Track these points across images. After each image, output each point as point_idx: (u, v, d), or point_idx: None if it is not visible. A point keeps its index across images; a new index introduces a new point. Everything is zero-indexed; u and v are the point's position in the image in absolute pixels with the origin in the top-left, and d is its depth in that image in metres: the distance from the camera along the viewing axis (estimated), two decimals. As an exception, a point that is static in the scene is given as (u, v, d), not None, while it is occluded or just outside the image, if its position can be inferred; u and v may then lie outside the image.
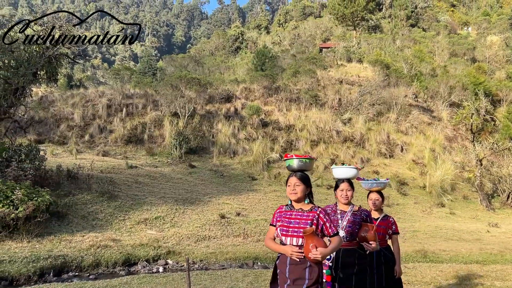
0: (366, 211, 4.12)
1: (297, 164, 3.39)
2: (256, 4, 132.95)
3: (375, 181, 4.73)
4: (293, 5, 69.07)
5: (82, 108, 20.29)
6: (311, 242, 3.06)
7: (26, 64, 9.52)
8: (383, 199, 4.80)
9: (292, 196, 3.31)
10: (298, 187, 3.28)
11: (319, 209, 3.26)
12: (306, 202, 3.29)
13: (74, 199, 10.30)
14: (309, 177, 3.37)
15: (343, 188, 4.07)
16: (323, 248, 3.07)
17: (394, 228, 4.70)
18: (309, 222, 3.19)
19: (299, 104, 23.29)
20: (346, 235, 3.94)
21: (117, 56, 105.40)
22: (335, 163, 17.24)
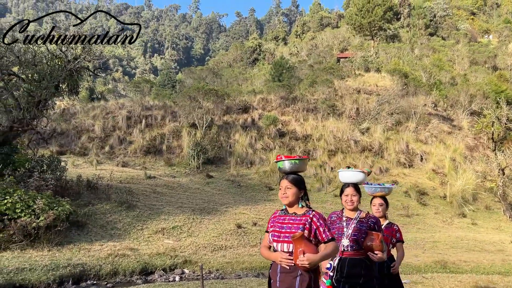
0: (375, 218, 3.85)
1: (288, 166, 3.19)
2: (274, 16, 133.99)
3: (379, 186, 4.50)
4: (310, 16, 69.34)
5: (103, 120, 20.73)
6: (300, 248, 2.86)
7: (48, 77, 9.83)
8: (387, 205, 4.57)
9: (284, 200, 3.13)
10: (289, 190, 3.10)
11: (312, 213, 3.04)
12: (300, 205, 3.10)
13: (93, 208, 10.49)
14: (302, 179, 3.18)
15: (348, 193, 3.82)
16: (312, 254, 2.85)
17: (398, 236, 4.47)
18: (301, 226, 2.99)
19: (316, 114, 23.25)
20: (351, 244, 3.68)
21: (138, 69, 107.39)
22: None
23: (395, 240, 4.48)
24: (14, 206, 7.96)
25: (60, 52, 10.59)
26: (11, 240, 7.85)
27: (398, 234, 4.48)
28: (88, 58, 10.79)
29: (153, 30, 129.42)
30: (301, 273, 2.90)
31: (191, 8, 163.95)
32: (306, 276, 2.89)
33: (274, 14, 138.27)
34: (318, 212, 3.07)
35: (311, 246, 2.91)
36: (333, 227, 3.76)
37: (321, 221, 3.00)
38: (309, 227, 2.99)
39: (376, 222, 3.81)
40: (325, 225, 3.01)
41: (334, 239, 3.03)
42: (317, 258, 2.86)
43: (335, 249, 3.00)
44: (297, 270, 2.89)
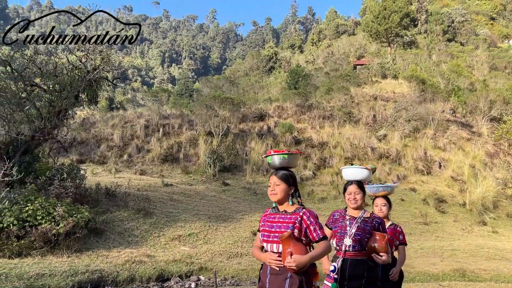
0: (380, 219, 3.68)
1: (278, 161, 3.04)
2: (290, 24, 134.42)
3: (381, 185, 4.37)
4: (326, 23, 69.37)
5: (121, 129, 21.11)
6: (288, 249, 2.73)
7: (68, 87, 10.11)
8: (390, 205, 4.39)
9: (272, 197, 2.99)
10: (278, 187, 2.95)
11: (303, 210, 2.90)
12: (290, 203, 2.96)
13: (111, 216, 10.68)
14: (293, 175, 3.03)
15: (351, 190, 3.68)
16: (299, 255, 2.70)
17: (401, 238, 4.32)
18: (291, 225, 2.85)
19: (333, 121, 23.19)
20: (354, 244, 3.53)
21: (156, 79, 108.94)
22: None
23: (398, 243, 4.31)
24: (35, 213, 8.18)
25: (79, 63, 10.90)
26: (32, 246, 8.05)
27: (402, 236, 4.33)
28: (106, 69, 11.07)
29: (171, 40, 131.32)
30: (291, 275, 2.76)
31: (208, 18, 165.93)
32: (296, 278, 2.75)
33: (290, 22, 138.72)
34: (309, 210, 2.94)
35: (300, 246, 2.76)
36: (336, 226, 3.69)
37: (312, 219, 2.86)
38: (299, 225, 2.86)
39: (381, 222, 3.66)
40: (315, 223, 2.86)
41: (326, 238, 2.88)
42: (305, 259, 2.70)
43: (326, 249, 2.85)
44: (287, 272, 2.76)
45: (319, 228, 2.86)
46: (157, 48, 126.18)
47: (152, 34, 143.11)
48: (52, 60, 10.26)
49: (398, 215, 14.41)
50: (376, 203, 4.37)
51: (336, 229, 3.67)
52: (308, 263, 2.75)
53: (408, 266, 8.83)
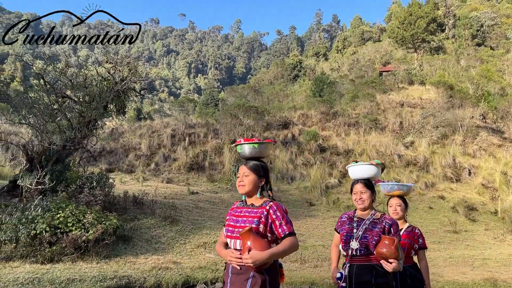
0: (391, 220, 3.29)
1: (248, 150, 2.83)
2: (314, 32, 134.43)
3: (396, 184, 4.03)
4: (351, 31, 69.07)
5: (149, 138, 21.57)
6: (247, 244, 2.50)
7: (97, 98, 10.46)
8: (406, 206, 4.05)
9: (240, 189, 2.77)
10: (246, 178, 2.74)
11: (270, 204, 2.66)
12: (258, 196, 2.73)
13: (139, 223, 10.91)
14: (264, 165, 2.84)
15: (357, 190, 3.38)
16: (257, 251, 2.45)
17: (421, 242, 3.98)
18: (256, 220, 2.61)
19: (358, 128, 23.00)
20: (360, 247, 3.20)
21: (182, 89, 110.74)
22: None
23: (417, 246, 3.96)
24: (66, 220, 8.45)
25: (108, 74, 11.27)
26: (63, 252, 8.31)
27: (421, 240, 3.98)
28: (134, 80, 11.39)
29: (197, 51, 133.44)
30: (254, 275, 2.51)
31: (233, 29, 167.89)
32: (258, 278, 2.50)
33: (315, 30, 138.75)
34: (277, 203, 2.70)
35: (261, 242, 2.50)
36: (342, 229, 3.40)
37: (279, 213, 2.61)
38: (264, 220, 2.61)
39: (393, 224, 3.26)
40: (282, 218, 2.61)
41: (293, 234, 2.61)
42: (264, 256, 2.43)
43: (290, 246, 2.56)
44: (249, 271, 2.52)
45: (285, 223, 2.60)
46: (183, 59, 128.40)
47: (178, 46, 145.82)
48: (82, 72, 10.65)
49: (427, 223, 14.11)
50: (391, 203, 4.06)
51: (343, 232, 3.39)
52: (268, 261, 2.47)
53: (436, 275, 8.65)
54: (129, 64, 11.43)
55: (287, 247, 2.55)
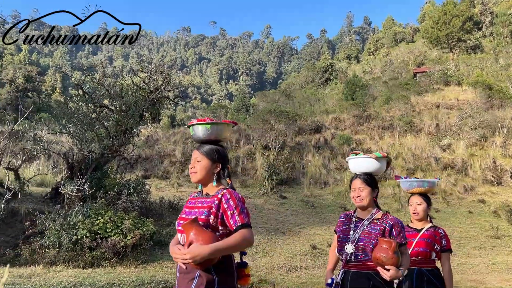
0: (393, 220, 2.85)
1: (201, 132, 2.50)
2: (345, 35, 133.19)
3: (416, 180, 3.66)
4: (383, 32, 67.95)
5: (183, 145, 21.96)
6: (189, 237, 2.16)
7: (133, 107, 10.77)
8: (429, 205, 3.63)
9: (192, 177, 2.48)
10: (198, 164, 2.43)
11: (222, 192, 2.35)
12: (214, 184, 2.43)
13: (174, 229, 11.08)
14: (219, 149, 2.50)
15: (355, 186, 2.99)
16: (197, 245, 2.09)
17: (444, 243, 3.50)
18: (205, 210, 2.28)
19: (393, 131, 22.56)
20: (356, 252, 2.80)
21: (214, 96, 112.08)
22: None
23: (439, 248, 3.50)
24: (105, 226, 8.72)
25: (143, 83, 11.60)
26: (103, 257, 8.57)
27: (444, 241, 3.52)
28: (168, 88, 11.66)
29: (228, 57, 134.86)
30: (200, 274, 2.19)
31: (263, 34, 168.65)
32: (204, 278, 2.17)
33: (346, 33, 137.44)
34: (232, 191, 2.37)
35: (206, 235, 2.15)
36: (339, 230, 3.05)
37: (232, 202, 2.28)
38: (215, 211, 2.28)
39: (395, 225, 2.82)
40: (235, 207, 2.27)
41: (247, 227, 2.25)
42: (205, 251, 2.06)
43: (240, 241, 2.19)
44: (196, 270, 2.18)
45: (238, 214, 2.26)
46: (214, 66, 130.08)
47: (210, 53, 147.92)
48: (119, 82, 11.01)
49: (467, 228, 13.64)
50: (411, 201, 3.66)
51: (339, 233, 3.04)
52: (211, 256, 2.10)
53: (478, 282, 8.35)
54: (163, 73, 11.72)
55: (236, 241, 2.16)
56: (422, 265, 3.44)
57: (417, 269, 3.44)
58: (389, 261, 2.61)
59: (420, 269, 3.43)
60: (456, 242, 11.76)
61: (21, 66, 44.49)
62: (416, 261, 3.44)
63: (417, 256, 3.46)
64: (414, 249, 3.47)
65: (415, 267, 3.43)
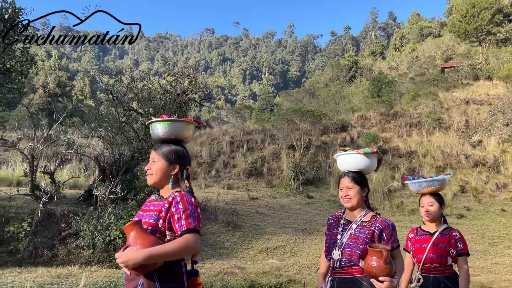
0: (384, 223, 2.63)
1: (160, 130, 2.35)
2: (370, 31, 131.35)
3: (425, 180, 3.38)
4: (409, 27, 66.64)
5: (209, 146, 22.22)
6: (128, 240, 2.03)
7: (161, 110, 10.99)
8: (441, 205, 3.39)
9: (148, 179, 2.33)
10: (154, 165, 2.29)
11: (174, 194, 2.19)
12: (170, 186, 2.27)
13: (203, 229, 11.28)
14: (178, 150, 2.33)
15: (342, 185, 2.78)
16: (132, 250, 1.94)
17: (460, 247, 3.24)
18: (154, 214, 2.17)
19: (421, 128, 22.16)
20: (342, 258, 2.62)
21: (238, 96, 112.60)
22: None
23: (454, 253, 3.24)
24: (137, 227, 8.95)
25: (170, 87, 11.81)
26: (135, 257, 8.81)
27: (460, 244, 3.25)
28: (194, 91, 11.84)
29: (251, 57, 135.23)
30: (143, 282, 2.05)
31: (286, 33, 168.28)
32: (145, 286, 2.04)
33: (370, 29, 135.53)
34: (184, 194, 2.19)
35: (146, 238, 2.00)
36: (327, 233, 2.86)
37: (180, 206, 2.12)
38: (164, 214, 2.15)
39: (385, 228, 2.61)
40: (184, 211, 2.10)
41: (193, 231, 2.07)
42: (139, 256, 1.90)
43: (185, 246, 2.01)
44: (139, 277, 2.05)
45: (185, 218, 2.08)
46: (238, 66, 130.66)
47: (233, 53, 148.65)
48: (147, 86, 11.26)
49: (500, 227, 13.29)
50: (422, 202, 3.43)
51: (327, 237, 2.84)
52: (144, 262, 1.92)
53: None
54: (189, 76, 11.91)
55: (176, 246, 1.98)
56: (437, 272, 3.22)
57: (433, 276, 3.22)
58: (382, 272, 2.41)
59: (436, 277, 3.21)
60: (489, 242, 11.49)
61: (51, 71, 45.96)
62: (431, 268, 3.25)
63: (432, 263, 3.24)
64: (428, 256, 3.25)
65: (431, 275, 3.23)
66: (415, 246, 3.40)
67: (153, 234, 2.09)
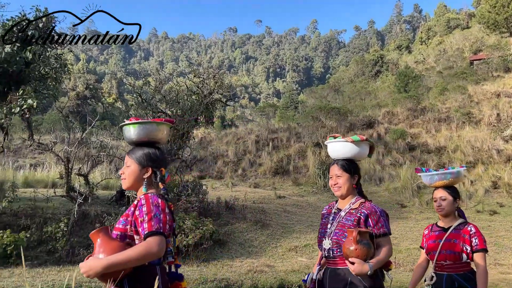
0: (371, 209, 2.59)
1: (130, 133, 2.29)
2: (395, 25, 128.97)
3: (437, 172, 3.22)
4: (435, 20, 65.08)
5: (235, 145, 22.42)
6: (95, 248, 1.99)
7: (189, 112, 11.21)
8: (455, 199, 3.21)
9: (122, 183, 2.32)
10: (127, 170, 2.26)
11: (140, 197, 2.14)
12: (144, 190, 2.21)
13: (232, 228, 11.43)
14: (150, 153, 2.28)
15: (332, 173, 2.75)
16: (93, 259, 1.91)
17: (476, 243, 3.02)
18: (123, 219, 2.14)
19: (450, 123, 21.70)
20: (332, 247, 2.58)
21: (262, 94, 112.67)
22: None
23: (469, 249, 3.03)
24: (168, 226, 9.17)
25: (197, 88, 12.02)
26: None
27: (476, 240, 3.03)
28: (220, 91, 12.01)
29: (274, 55, 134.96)
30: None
31: (309, 29, 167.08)
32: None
33: (395, 23, 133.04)
34: (150, 196, 2.12)
35: (110, 245, 1.95)
36: (321, 223, 2.84)
37: (144, 209, 2.04)
38: (131, 219, 2.11)
39: (370, 214, 2.57)
40: (147, 213, 2.02)
41: (155, 234, 1.98)
42: (97, 265, 1.87)
43: (144, 251, 1.93)
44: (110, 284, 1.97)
45: (148, 220, 2.00)
46: (261, 64, 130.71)
47: (256, 52, 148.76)
48: (174, 88, 11.50)
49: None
50: (434, 196, 3.26)
51: (320, 228, 2.83)
52: (104, 271, 1.88)
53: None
54: (215, 77, 12.08)
55: (138, 251, 1.91)
56: (451, 270, 3.06)
57: (447, 274, 3.08)
58: (352, 253, 2.35)
59: (449, 275, 3.05)
60: (524, 239, 11.20)
61: (80, 75, 47.23)
62: (444, 266, 3.11)
63: (445, 260, 3.10)
64: (441, 253, 3.11)
65: (444, 273, 3.09)
66: (428, 242, 3.28)
67: (122, 239, 2.06)
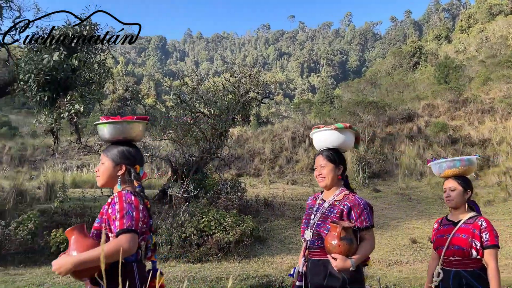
0: (354, 201, 2.58)
1: (104, 132, 2.31)
2: (433, 14, 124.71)
3: (445, 160, 3.06)
4: (476, 6, 62.46)
5: (271, 142, 22.51)
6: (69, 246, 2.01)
7: (226, 111, 11.39)
8: (466, 190, 3.02)
9: (97, 181, 2.34)
10: (102, 167, 2.29)
11: (113, 195, 2.17)
12: (119, 187, 2.23)
13: (271, 224, 11.55)
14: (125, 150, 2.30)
15: (317, 164, 2.72)
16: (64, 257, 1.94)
17: (486, 238, 2.82)
18: (99, 217, 2.19)
19: (494, 114, 20.85)
20: (313, 238, 2.58)
21: (297, 90, 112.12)
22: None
23: (478, 245, 2.84)
24: (209, 224, 9.38)
25: (233, 88, 12.18)
26: (209, 253, 9.25)
27: (486, 235, 2.83)
28: (256, 90, 12.12)
29: (308, 50, 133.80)
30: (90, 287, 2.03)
31: (344, 22, 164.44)
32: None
33: (433, 11, 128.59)
34: (124, 193, 2.14)
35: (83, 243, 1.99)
36: (305, 214, 2.84)
37: (117, 206, 2.07)
38: (105, 217, 2.13)
39: (353, 206, 2.55)
40: (119, 211, 2.04)
41: (126, 232, 1.99)
42: (67, 263, 1.90)
43: (112, 249, 1.93)
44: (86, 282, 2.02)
45: (120, 218, 2.02)
46: (295, 60, 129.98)
47: (290, 48, 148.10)
48: (211, 89, 11.72)
49: None
50: (444, 187, 3.11)
51: (303, 218, 2.81)
52: (75, 268, 1.91)
53: None
54: (251, 76, 12.20)
55: (107, 249, 1.91)
56: (460, 266, 2.88)
57: (454, 271, 2.90)
58: (335, 249, 2.31)
59: (457, 271, 2.88)
60: None
61: (119, 77, 48.74)
62: (452, 262, 2.93)
63: (453, 255, 2.92)
64: (449, 248, 2.93)
65: (452, 269, 2.92)
66: (436, 237, 3.11)
67: (98, 237, 2.10)
